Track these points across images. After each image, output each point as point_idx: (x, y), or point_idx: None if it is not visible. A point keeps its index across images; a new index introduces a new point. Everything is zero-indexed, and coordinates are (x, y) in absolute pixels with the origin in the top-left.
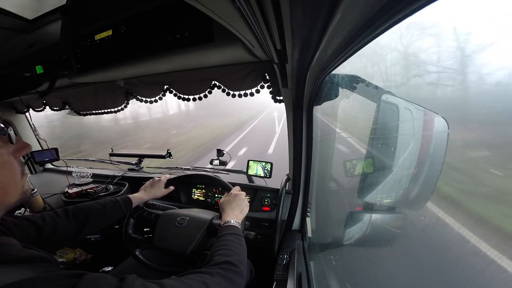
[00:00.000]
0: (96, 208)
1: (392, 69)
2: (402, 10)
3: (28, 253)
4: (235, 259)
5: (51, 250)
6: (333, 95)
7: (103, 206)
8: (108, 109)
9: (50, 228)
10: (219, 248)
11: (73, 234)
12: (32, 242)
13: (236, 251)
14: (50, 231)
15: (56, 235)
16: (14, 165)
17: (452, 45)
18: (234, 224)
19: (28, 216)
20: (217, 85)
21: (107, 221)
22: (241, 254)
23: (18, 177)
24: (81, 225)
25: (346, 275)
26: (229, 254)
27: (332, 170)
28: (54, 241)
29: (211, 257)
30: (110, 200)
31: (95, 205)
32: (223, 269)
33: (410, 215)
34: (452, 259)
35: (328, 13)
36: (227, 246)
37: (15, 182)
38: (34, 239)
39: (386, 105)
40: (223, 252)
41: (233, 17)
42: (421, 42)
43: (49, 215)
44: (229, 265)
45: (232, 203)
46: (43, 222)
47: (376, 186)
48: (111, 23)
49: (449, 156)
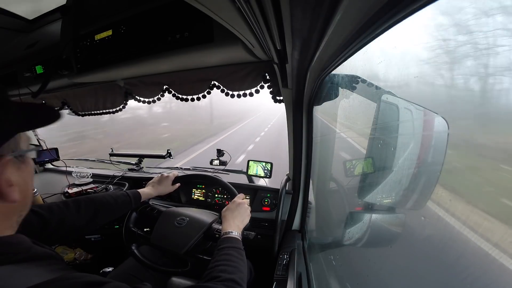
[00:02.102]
0: (108, 201)
1: (392, 69)
2: (402, 10)
3: (38, 251)
4: (239, 277)
5: (58, 242)
6: (333, 95)
7: (115, 199)
8: (107, 110)
9: (57, 220)
10: (222, 263)
11: (82, 226)
12: (37, 234)
13: (240, 268)
14: (57, 223)
15: (64, 227)
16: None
17: (452, 45)
18: (235, 236)
19: (35, 208)
20: (216, 85)
21: (117, 215)
22: (244, 271)
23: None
24: (91, 217)
25: (346, 275)
26: (234, 272)
27: (332, 170)
28: (61, 232)
29: (213, 271)
30: (121, 193)
31: (108, 198)
32: (228, 287)
33: (410, 215)
34: (452, 259)
35: (328, 13)
36: (231, 262)
37: (31, 186)
38: (39, 231)
39: (386, 105)
40: (227, 269)
41: (233, 17)
42: (421, 42)
43: (57, 206)
44: (234, 283)
45: (234, 211)
46: (50, 214)
47: (376, 186)
48: (111, 23)
49: (449, 156)
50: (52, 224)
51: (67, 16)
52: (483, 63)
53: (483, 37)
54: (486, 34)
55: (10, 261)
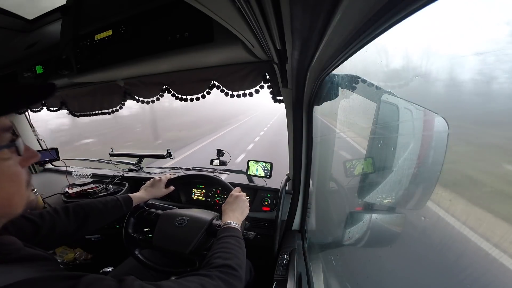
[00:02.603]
0: (97, 207)
1: (392, 69)
2: (402, 10)
3: (29, 252)
4: (235, 262)
5: (49, 248)
6: (333, 95)
7: (104, 204)
8: (104, 110)
9: (48, 227)
10: (219, 251)
11: (72, 232)
12: (29, 241)
13: (236, 254)
14: (48, 230)
15: (54, 233)
16: (21, 176)
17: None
18: (234, 226)
19: (26, 214)
20: (216, 85)
21: (107, 220)
22: (241, 257)
23: (24, 188)
24: (81, 223)
25: (346, 275)
26: (229, 258)
27: (332, 170)
28: (52, 239)
29: (210, 259)
30: (111, 198)
31: (97, 203)
32: (222, 272)
33: (410, 215)
34: (453, 259)
35: (328, 13)
36: (227, 248)
37: (20, 194)
38: (31, 237)
39: (386, 105)
40: (222, 255)
41: (233, 17)
42: (422, 42)
43: (48, 212)
44: (229, 268)
45: (233, 204)
46: (41, 220)
47: (376, 186)
48: (111, 23)
49: (449, 156)
50: (44, 230)
51: (67, 16)
52: (483, 63)
53: (483, 37)
54: (486, 34)
55: (1, 261)
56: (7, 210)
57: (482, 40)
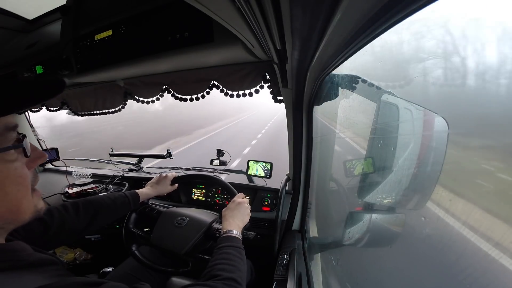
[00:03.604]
0: (106, 203)
1: (392, 69)
2: (402, 10)
3: (38, 257)
4: (238, 276)
5: (58, 245)
6: (333, 95)
7: (113, 201)
8: (106, 110)
9: (57, 224)
10: (222, 262)
11: (82, 229)
12: (38, 239)
13: (239, 267)
14: (57, 227)
15: (63, 230)
16: (28, 179)
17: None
18: (235, 235)
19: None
20: (216, 85)
21: (115, 216)
22: (243, 270)
23: (30, 192)
24: (90, 219)
25: (346, 275)
26: (233, 271)
27: (332, 170)
28: (61, 235)
29: (212, 269)
30: (119, 195)
31: (106, 200)
32: (227, 285)
33: (410, 215)
34: (452, 259)
35: (328, 13)
36: (229, 260)
37: (28, 198)
38: (40, 235)
39: (386, 105)
40: (226, 268)
41: (233, 17)
42: (422, 42)
43: (57, 209)
44: (234, 282)
45: (234, 210)
46: (51, 218)
47: (376, 186)
48: (111, 23)
49: (449, 156)
50: (53, 228)
51: (67, 16)
52: (483, 63)
53: (483, 37)
54: (486, 33)
55: (12, 268)
56: (15, 216)
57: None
